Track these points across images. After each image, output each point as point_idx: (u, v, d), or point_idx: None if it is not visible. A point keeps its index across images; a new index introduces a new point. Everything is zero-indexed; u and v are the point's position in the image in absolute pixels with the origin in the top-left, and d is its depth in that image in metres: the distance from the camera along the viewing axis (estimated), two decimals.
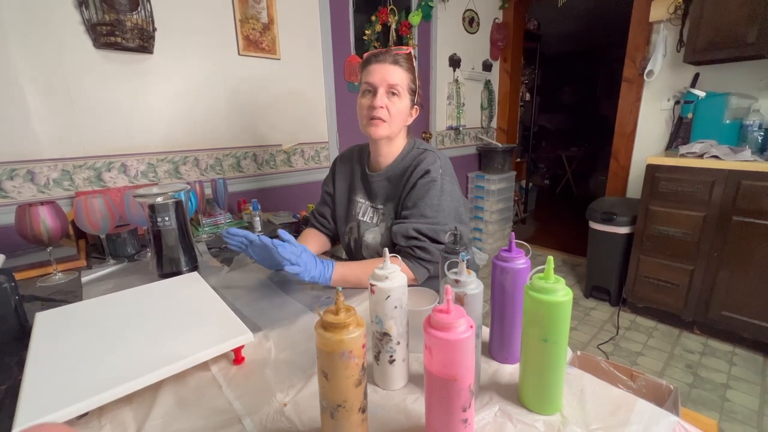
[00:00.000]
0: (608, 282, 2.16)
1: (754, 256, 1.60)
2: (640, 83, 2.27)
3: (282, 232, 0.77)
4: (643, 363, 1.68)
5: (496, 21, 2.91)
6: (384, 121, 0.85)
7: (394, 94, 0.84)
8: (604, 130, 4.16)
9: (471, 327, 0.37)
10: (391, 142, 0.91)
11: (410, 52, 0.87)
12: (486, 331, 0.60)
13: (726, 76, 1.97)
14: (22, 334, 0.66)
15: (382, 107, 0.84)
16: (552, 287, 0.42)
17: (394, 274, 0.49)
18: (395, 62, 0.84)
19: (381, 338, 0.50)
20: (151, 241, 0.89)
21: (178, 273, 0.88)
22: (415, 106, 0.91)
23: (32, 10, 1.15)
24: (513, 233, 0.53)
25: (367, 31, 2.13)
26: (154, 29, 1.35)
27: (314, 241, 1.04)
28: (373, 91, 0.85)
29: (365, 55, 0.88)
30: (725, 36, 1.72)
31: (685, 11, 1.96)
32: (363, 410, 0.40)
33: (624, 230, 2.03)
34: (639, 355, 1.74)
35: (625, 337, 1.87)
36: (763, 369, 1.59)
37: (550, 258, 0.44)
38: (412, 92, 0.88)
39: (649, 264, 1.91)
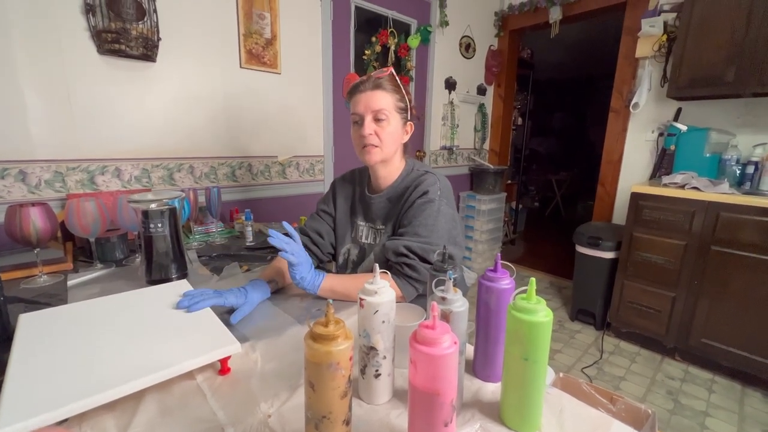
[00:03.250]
0: (593, 305, 2.19)
1: (732, 285, 1.65)
2: (627, 114, 2.37)
3: (287, 226, 0.77)
4: (625, 388, 1.69)
5: (492, 48, 3.02)
6: (376, 146, 0.87)
7: (380, 119, 0.86)
8: (592, 157, 4.30)
9: (455, 343, 0.38)
10: (387, 165, 0.93)
11: (391, 73, 0.88)
12: (471, 349, 0.62)
13: (707, 111, 2.07)
14: (4, 336, 0.65)
15: (371, 134, 0.86)
16: (533, 308, 0.44)
17: (383, 289, 0.50)
18: (377, 87, 0.86)
19: (368, 352, 0.51)
20: (141, 247, 0.88)
21: (167, 280, 0.88)
22: (409, 122, 0.93)
23: (39, 13, 1.18)
24: (498, 254, 0.55)
25: (366, 51, 2.19)
26: (159, 39, 1.38)
27: None
28: (360, 121, 0.87)
29: (350, 88, 0.91)
30: (705, 75, 1.82)
31: (669, 49, 2.08)
32: (347, 423, 0.41)
33: (609, 255, 2.08)
34: (622, 379, 1.75)
35: (608, 362, 1.89)
36: (741, 397, 1.62)
37: (533, 280, 0.46)
38: (402, 110, 0.89)
39: (633, 289, 1.95)
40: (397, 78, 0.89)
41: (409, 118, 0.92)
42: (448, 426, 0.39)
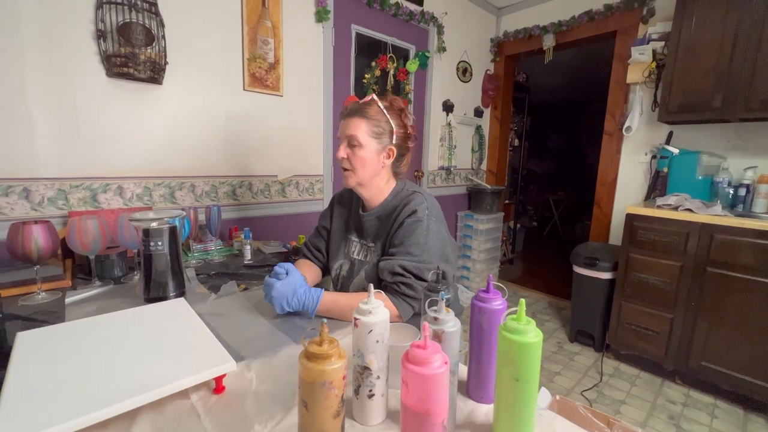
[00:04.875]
0: (592, 327, 2.18)
1: (729, 307, 1.65)
2: (620, 137, 2.43)
3: (279, 267, 0.83)
4: (626, 412, 1.66)
5: (488, 72, 3.12)
6: (348, 170, 0.93)
7: (353, 145, 0.90)
8: (589, 177, 4.36)
9: (445, 363, 0.39)
10: (367, 188, 0.96)
11: (372, 99, 0.91)
12: (465, 370, 0.62)
13: (697, 135, 2.12)
14: (1, 354, 0.65)
15: (342, 158, 0.92)
16: (523, 328, 0.45)
17: (377, 309, 0.51)
18: (354, 113, 0.90)
19: (362, 372, 0.51)
20: (141, 265, 0.89)
21: (165, 298, 0.89)
22: (389, 147, 0.93)
23: (52, 37, 1.23)
24: (491, 275, 0.57)
25: (366, 75, 2.27)
26: (166, 63, 1.43)
27: (310, 272, 1.05)
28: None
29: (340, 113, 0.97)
30: (693, 101, 1.88)
31: (658, 76, 2.15)
32: None
33: (606, 275, 2.08)
34: (622, 403, 1.73)
35: (608, 385, 1.87)
36: (744, 423, 1.59)
37: (522, 300, 0.47)
38: (379, 135, 0.90)
39: (631, 310, 1.95)
40: (379, 104, 0.91)
41: (392, 142, 0.93)
42: None
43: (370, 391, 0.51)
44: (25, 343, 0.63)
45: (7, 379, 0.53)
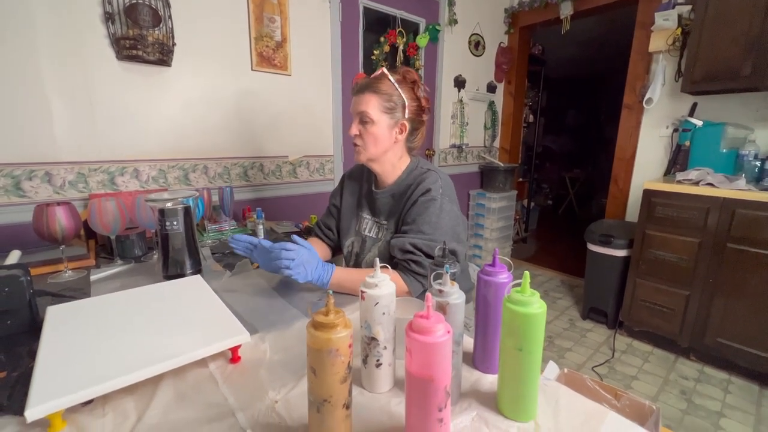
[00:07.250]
0: (605, 304, 2.17)
1: (749, 283, 1.61)
2: (640, 110, 2.33)
3: (295, 238, 0.85)
4: (637, 387, 1.67)
5: (502, 45, 3.00)
6: (358, 145, 0.92)
7: (365, 121, 0.89)
8: (606, 154, 4.22)
9: (448, 332, 0.40)
10: (380, 164, 0.95)
11: (383, 72, 0.90)
12: (472, 342, 0.63)
13: (723, 106, 2.02)
14: (33, 327, 0.70)
15: (355, 134, 0.91)
16: (527, 300, 0.46)
17: (383, 282, 0.52)
18: (365, 89, 0.89)
19: (369, 342, 0.53)
20: (158, 244, 0.93)
21: (182, 275, 0.92)
22: (401, 123, 0.91)
23: (62, 23, 1.24)
24: (496, 249, 0.57)
25: (375, 51, 2.22)
26: (174, 44, 1.43)
27: (319, 251, 1.07)
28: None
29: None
30: (721, 69, 1.77)
31: (683, 43, 2.03)
32: (347, 407, 0.43)
33: (621, 253, 2.05)
34: (634, 379, 1.73)
35: (620, 360, 1.87)
36: (759, 399, 1.58)
37: (527, 273, 0.47)
38: (390, 110, 0.89)
39: (646, 288, 1.92)
40: (390, 78, 0.90)
41: (405, 116, 0.91)
42: (443, 411, 0.41)
43: (378, 360, 0.53)
44: (55, 316, 0.68)
45: (40, 348, 0.57)
